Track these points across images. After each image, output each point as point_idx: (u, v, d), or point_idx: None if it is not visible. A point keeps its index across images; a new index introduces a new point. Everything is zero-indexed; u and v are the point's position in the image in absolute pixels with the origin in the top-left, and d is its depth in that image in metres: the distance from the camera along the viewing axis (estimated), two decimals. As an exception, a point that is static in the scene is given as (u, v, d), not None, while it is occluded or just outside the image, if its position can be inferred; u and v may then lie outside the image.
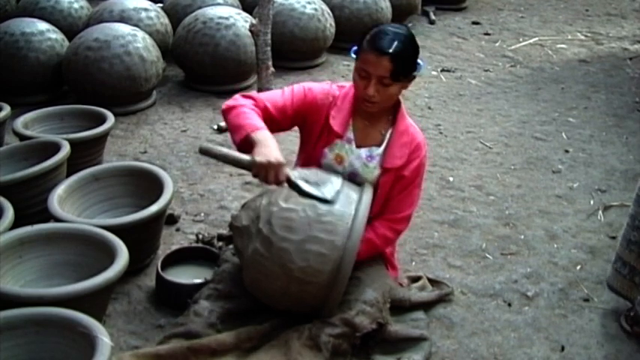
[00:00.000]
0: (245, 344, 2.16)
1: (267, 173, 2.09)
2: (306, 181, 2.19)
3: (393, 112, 2.41)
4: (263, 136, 2.15)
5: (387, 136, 2.39)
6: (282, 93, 2.39)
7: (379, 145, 2.39)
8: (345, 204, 2.18)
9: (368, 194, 2.23)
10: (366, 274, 2.34)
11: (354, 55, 2.31)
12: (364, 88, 2.23)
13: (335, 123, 2.36)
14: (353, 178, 2.38)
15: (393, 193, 2.41)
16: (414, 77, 2.32)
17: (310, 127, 2.41)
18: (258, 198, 2.27)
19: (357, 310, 2.21)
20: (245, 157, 2.14)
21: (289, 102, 2.36)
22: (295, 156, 2.61)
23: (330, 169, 2.38)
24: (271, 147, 2.12)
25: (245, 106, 2.29)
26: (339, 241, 2.12)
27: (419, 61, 2.32)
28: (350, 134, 2.39)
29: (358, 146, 2.39)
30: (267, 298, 2.25)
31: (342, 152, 2.38)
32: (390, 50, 2.16)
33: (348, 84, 2.42)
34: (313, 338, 2.13)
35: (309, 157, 2.45)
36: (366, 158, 2.38)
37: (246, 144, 2.17)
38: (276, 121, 2.34)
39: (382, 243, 2.44)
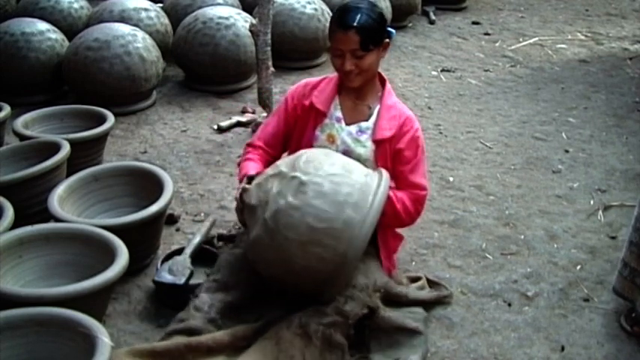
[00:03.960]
0: (241, 342, 2.16)
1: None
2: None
3: (380, 89, 2.52)
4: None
5: (375, 111, 2.49)
6: (271, 119, 2.64)
7: (367, 120, 2.48)
8: (357, 210, 2.11)
9: (380, 199, 2.16)
10: (360, 264, 2.33)
11: None
12: (341, 65, 2.37)
13: (317, 101, 2.50)
14: (348, 156, 2.40)
15: (401, 170, 2.46)
16: (388, 44, 2.44)
17: (299, 116, 2.55)
18: (271, 179, 2.20)
19: (345, 297, 2.21)
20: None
21: (275, 124, 2.59)
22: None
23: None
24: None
25: (244, 159, 2.56)
26: (342, 248, 2.09)
27: (389, 29, 2.47)
28: (338, 113, 2.50)
29: (347, 124, 2.48)
30: (267, 274, 2.26)
31: (332, 132, 2.49)
32: (355, 23, 2.31)
33: (331, 75, 2.56)
34: (303, 326, 2.12)
35: (300, 141, 2.52)
36: (356, 134, 2.47)
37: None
38: (280, 144, 2.61)
39: (401, 209, 2.44)
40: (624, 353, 2.39)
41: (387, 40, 2.44)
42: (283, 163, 2.25)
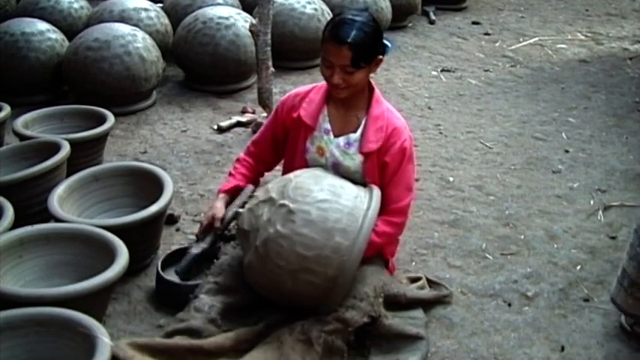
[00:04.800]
0: (242, 346, 2.16)
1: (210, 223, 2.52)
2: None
3: (368, 97, 2.47)
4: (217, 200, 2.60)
5: (363, 121, 2.45)
6: (263, 128, 2.67)
7: (355, 131, 2.44)
8: (346, 235, 2.12)
9: (369, 224, 2.17)
10: (358, 270, 2.32)
11: None
12: (330, 76, 2.33)
13: (305, 114, 2.46)
14: (336, 169, 2.43)
15: (384, 183, 2.44)
16: (380, 61, 2.38)
17: (289, 128, 2.54)
18: (262, 205, 2.24)
19: (346, 306, 2.22)
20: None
21: (265, 134, 2.63)
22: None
23: (315, 162, 2.46)
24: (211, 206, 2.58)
25: (232, 170, 2.66)
26: (332, 273, 2.12)
27: (386, 42, 2.38)
28: (327, 125, 2.46)
29: (336, 136, 2.45)
30: (261, 295, 2.30)
31: (322, 144, 2.46)
32: (349, 39, 2.24)
33: (321, 83, 2.53)
34: (305, 333, 2.14)
35: (294, 154, 2.52)
36: (344, 146, 2.44)
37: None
38: (272, 153, 2.63)
39: (384, 240, 2.46)
40: (624, 353, 2.39)
41: (381, 57, 2.36)
42: (274, 187, 2.25)
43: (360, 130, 2.43)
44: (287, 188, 2.20)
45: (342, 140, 2.44)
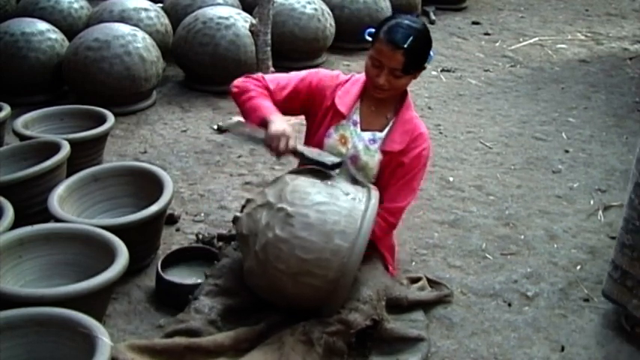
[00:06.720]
0: (242, 345, 2.16)
1: (279, 142, 2.22)
2: (310, 152, 2.30)
3: (399, 100, 2.51)
4: (277, 116, 2.31)
5: (391, 122, 2.48)
6: (288, 76, 2.50)
7: (382, 130, 2.47)
8: (345, 237, 2.12)
9: (367, 225, 2.15)
10: (361, 273, 2.33)
11: (368, 38, 2.38)
12: (376, 76, 2.33)
13: (340, 102, 2.45)
14: (354, 162, 2.44)
15: (393, 180, 2.45)
16: (424, 68, 2.42)
17: (316, 109, 2.51)
18: (260, 209, 2.22)
19: (349, 308, 2.22)
20: (260, 132, 2.29)
21: (296, 85, 2.47)
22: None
23: (333, 150, 2.44)
24: (283, 123, 2.27)
25: (255, 90, 2.40)
26: (333, 275, 2.11)
27: (430, 52, 2.41)
28: (356, 117, 2.48)
29: (363, 130, 2.47)
30: (262, 298, 2.29)
31: (346, 133, 2.47)
32: (405, 45, 2.26)
33: (358, 74, 2.52)
34: (306, 334, 2.14)
35: (313, 137, 2.51)
36: (368, 141, 2.46)
37: (261, 125, 2.30)
38: (281, 103, 2.43)
39: (378, 235, 2.46)
40: (624, 353, 2.39)
41: (426, 65, 2.41)
42: (271, 191, 2.24)
43: (386, 130, 2.47)
44: (284, 192, 2.19)
45: (367, 135, 2.46)
